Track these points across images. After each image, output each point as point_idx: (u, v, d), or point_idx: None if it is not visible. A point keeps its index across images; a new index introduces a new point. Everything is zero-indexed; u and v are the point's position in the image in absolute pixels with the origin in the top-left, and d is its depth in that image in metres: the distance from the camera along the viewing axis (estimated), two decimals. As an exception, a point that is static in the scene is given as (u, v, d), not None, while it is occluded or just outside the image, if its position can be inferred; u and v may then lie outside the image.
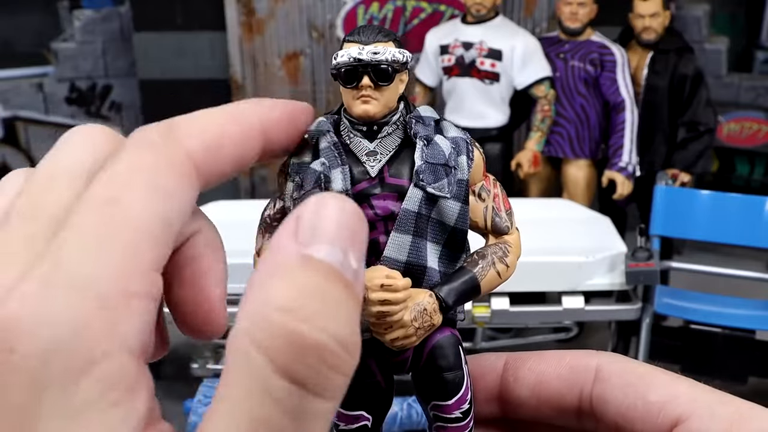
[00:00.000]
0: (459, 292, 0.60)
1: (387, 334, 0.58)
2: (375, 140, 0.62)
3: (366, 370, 0.61)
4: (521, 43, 3.81)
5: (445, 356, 0.60)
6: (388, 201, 0.60)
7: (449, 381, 0.60)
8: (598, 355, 0.56)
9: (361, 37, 0.62)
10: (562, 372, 0.56)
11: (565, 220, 3.45)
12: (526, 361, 0.58)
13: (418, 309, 0.58)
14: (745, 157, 5.10)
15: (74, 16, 5.35)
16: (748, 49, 5.86)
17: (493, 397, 0.60)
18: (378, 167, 0.61)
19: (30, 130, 5.40)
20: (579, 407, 0.55)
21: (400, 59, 0.62)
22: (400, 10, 4.91)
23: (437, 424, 0.61)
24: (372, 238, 0.59)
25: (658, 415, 0.50)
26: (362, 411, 0.61)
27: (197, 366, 3.47)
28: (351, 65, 0.61)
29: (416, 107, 0.64)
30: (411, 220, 0.59)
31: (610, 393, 0.53)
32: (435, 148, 0.60)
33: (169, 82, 5.17)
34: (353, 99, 0.62)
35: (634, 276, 3.08)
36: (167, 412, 2.80)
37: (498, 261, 0.62)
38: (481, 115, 3.92)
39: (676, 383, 0.52)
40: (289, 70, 5.09)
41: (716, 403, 0.50)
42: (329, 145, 0.60)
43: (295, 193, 0.60)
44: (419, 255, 0.60)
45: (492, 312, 3.11)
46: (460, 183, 0.60)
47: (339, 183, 0.59)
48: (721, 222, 3.33)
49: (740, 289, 3.63)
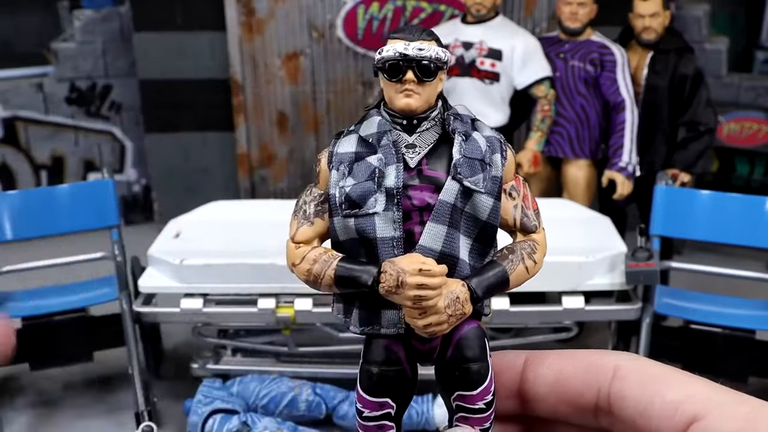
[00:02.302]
0: (489, 285, 0.63)
1: (420, 320, 0.60)
2: (414, 134, 0.65)
3: (394, 358, 0.63)
4: (521, 43, 3.81)
5: (471, 347, 0.62)
6: (425, 192, 0.63)
7: (475, 372, 0.62)
8: (617, 355, 0.57)
9: (406, 34, 0.65)
10: (581, 370, 0.57)
11: (565, 220, 3.45)
12: (546, 359, 0.60)
13: (451, 297, 0.60)
14: (745, 157, 5.10)
15: (74, 16, 5.35)
16: (748, 49, 5.86)
17: (513, 394, 0.61)
18: (417, 159, 0.64)
19: (30, 130, 5.40)
20: (596, 405, 0.56)
21: (443, 57, 0.65)
22: (400, 10, 4.91)
23: (460, 414, 0.63)
24: (407, 228, 0.62)
25: (675, 413, 0.51)
26: (387, 398, 0.63)
27: (197, 366, 3.47)
28: (396, 60, 0.64)
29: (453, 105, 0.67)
30: (447, 212, 0.62)
31: (629, 391, 0.54)
32: (473, 144, 0.64)
33: (169, 82, 5.16)
34: (396, 93, 0.64)
35: (634, 276, 3.08)
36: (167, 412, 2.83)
37: (527, 257, 0.65)
38: (480, 115, 3.84)
39: (693, 383, 0.53)
40: (289, 70, 5.09)
41: (732, 402, 0.51)
42: (389, 143, 0.63)
43: (342, 181, 0.63)
44: (453, 246, 0.62)
45: (492, 312, 3.10)
46: (494, 180, 0.64)
47: (392, 179, 0.62)
48: (721, 222, 3.33)
49: (740, 289, 3.63)
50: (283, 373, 3.40)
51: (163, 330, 3.78)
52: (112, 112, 5.53)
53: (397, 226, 0.62)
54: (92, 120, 5.51)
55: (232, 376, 3.41)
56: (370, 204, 0.62)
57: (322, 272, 0.63)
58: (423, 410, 3.19)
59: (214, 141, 5.32)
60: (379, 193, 0.62)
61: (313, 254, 0.64)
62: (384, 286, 0.59)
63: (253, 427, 3.06)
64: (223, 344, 3.52)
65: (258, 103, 5.17)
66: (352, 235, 0.63)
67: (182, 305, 3.19)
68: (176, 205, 4.55)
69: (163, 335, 3.79)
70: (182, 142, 5.32)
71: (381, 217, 0.61)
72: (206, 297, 3.21)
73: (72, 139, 5.51)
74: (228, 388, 3.29)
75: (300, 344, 3.44)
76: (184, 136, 5.31)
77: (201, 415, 3.12)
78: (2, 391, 3.69)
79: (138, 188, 5.73)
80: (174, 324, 3.58)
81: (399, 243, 0.61)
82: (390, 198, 0.62)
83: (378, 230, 0.61)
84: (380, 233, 0.61)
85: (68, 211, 3.51)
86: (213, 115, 5.23)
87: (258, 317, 3.21)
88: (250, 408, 3.25)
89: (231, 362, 3.51)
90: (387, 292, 0.59)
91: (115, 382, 3.71)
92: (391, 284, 0.59)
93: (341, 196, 0.62)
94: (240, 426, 3.06)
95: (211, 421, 3.09)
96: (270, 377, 3.33)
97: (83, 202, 3.52)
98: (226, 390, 3.27)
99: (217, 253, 3.22)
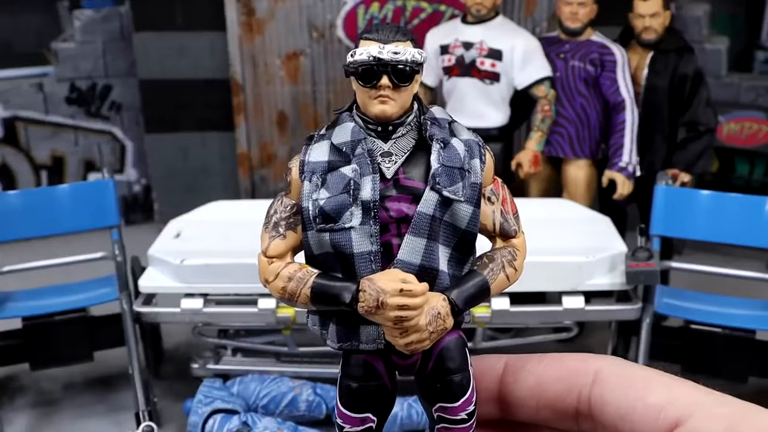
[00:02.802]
0: (470, 296, 0.60)
1: (402, 339, 0.58)
2: (389, 141, 0.61)
3: (374, 373, 0.61)
4: (521, 43, 3.81)
5: (453, 358, 0.60)
6: (402, 203, 0.60)
7: (457, 383, 0.60)
8: (597, 358, 0.57)
9: (380, 35, 0.61)
10: (562, 374, 0.57)
11: (565, 220, 3.45)
12: (526, 363, 0.59)
13: (432, 313, 0.58)
14: (745, 157, 5.10)
15: (74, 16, 5.35)
16: (748, 49, 5.85)
17: (493, 398, 0.60)
18: (394, 169, 0.61)
19: (30, 130, 5.40)
20: (577, 409, 0.56)
21: (419, 59, 0.62)
22: (400, 10, 4.91)
23: (442, 425, 0.61)
24: (384, 240, 0.59)
25: (658, 416, 0.51)
26: (368, 413, 0.61)
27: (197, 366, 3.47)
28: (370, 64, 0.60)
29: (428, 107, 0.64)
30: (426, 224, 0.59)
31: (609, 395, 0.54)
32: (451, 152, 0.60)
33: (169, 82, 5.16)
34: (370, 99, 0.61)
35: (634, 276, 3.08)
36: (167, 412, 2.83)
37: (507, 265, 0.63)
38: (481, 115, 3.91)
39: (676, 385, 0.52)
40: (289, 70, 5.09)
41: (715, 404, 0.50)
42: (363, 152, 0.60)
43: (315, 194, 0.60)
44: (432, 258, 0.59)
45: (492, 312, 3.11)
46: (473, 186, 0.60)
47: (368, 191, 0.59)
48: (721, 222, 3.33)
49: (740, 289, 3.63)
50: (283, 373, 3.40)
51: (164, 330, 3.78)
52: (113, 112, 5.53)
53: (375, 240, 0.59)
54: (92, 120, 5.51)
55: (233, 376, 3.41)
56: (346, 218, 0.59)
57: (297, 290, 0.60)
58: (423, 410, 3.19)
59: (214, 141, 5.32)
60: (354, 207, 0.59)
61: (287, 271, 0.61)
62: (363, 306, 0.57)
63: (253, 427, 3.06)
64: (223, 344, 3.52)
65: (258, 103, 5.17)
66: (327, 250, 0.60)
67: (182, 305, 3.19)
68: (176, 205, 4.55)
69: (164, 335, 3.79)
70: (182, 142, 5.32)
71: (357, 232, 0.59)
72: (206, 297, 3.21)
73: (72, 139, 5.51)
74: (228, 388, 3.29)
75: (300, 344, 3.44)
76: (184, 136, 5.31)
77: (201, 415, 3.12)
78: (2, 391, 3.69)
79: (138, 188, 5.73)
80: (174, 324, 3.57)
81: (377, 257, 0.59)
82: (366, 211, 0.59)
83: (355, 245, 0.59)
84: (357, 248, 0.59)
85: (68, 211, 3.51)
86: (213, 115, 5.23)
87: (258, 317, 3.21)
88: (250, 408, 3.25)
89: (231, 362, 3.51)
90: (366, 312, 0.57)
91: (115, 382, 3.70)
92: (370, 305, 0.56)
93: (315, 210, 0.59)
94: (240, 426, 3.06)
95: (212, 421, 3.09)
96: (270, 377, 3.33)
97: (83, 202, 3.52)
98: (227, 390, 3.27)
99: (217, 253, 3.22)
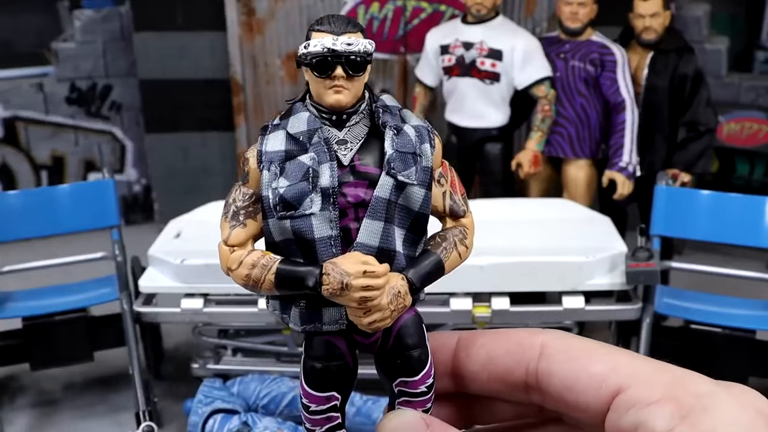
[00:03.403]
0: (426, 274, 0.63)
1: (365, 318, 0.60)
2: (344, 129, 0.64)
3: (336, 353, 0.63)
4: (521, 43, 3.81)
5: (411, 335, 0.63)
6: (359, 188, 0.62)
7: (416, 358, 0.63)
8: (543, 333, 0.59)
9: (332, 26, 0.63)
10: (510, 348, 0.60)
11: (565, 220, 3.45)
12: (478, 338, 0.62)
13: (393, 292, 0.60)
14: (745, 157, 5.10)
15: (74, 16, 5.35)
16: (748, 49, 5.85)
17: (447, 373, 0.63)
18: (350, 156, 0.63)
19: (30, 130, 5.40)
20: (526, 381, 0.59)
21: (370, 50, 0.63)
22: (401, 10, 4.91)
23: (403, 399, 0.63)
24: (343, 225, 0.62)
25: (600, 385, 0.53)
26: (333, 391, 0.63)
27: (197, 366, 3.47)
28: (324, 56, 0.62)
29: (378, 95, 0.66)
30: (383, 207, 0.61)
31: (555, 367, 0.57)
32: (404, 138, 0.63)
33: (169, 82, 5.16)
34: (325, 89, 0.63)
35: (634, 276, 3.08)
36: (167, 412, 2.83)
37: (459, 243, 0.65)
38: (481, 115, 3.92)
39: (616, 355, 0.55)
40: (289, 70, 5.09)
41: (654, 371, 0.53)
42: (320, 140, 0.62)
43: (274, 182, 0.61)
44: (389, 240, 0.62)
45: (492, 312, 3.11)
46: (425, 170, 0.63)
47: (327, 178, 0.61)
48: (721, 222, 3.33)
49: (740, 289, 3.63)
50: (283, 373, 3.40)
51: (164, 330, 3.78)
52: (113, 112, 5.54)
53: (334, 225, 0.61)
54: (92, 120, 5.51)
55: (233, 376, 3.41)
56: (306, 205, 0.60)
57: (261, 276, 0.61)
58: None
59: (214, 141, 5.32)
60: (314, 194, 0.60)
61: (250, 258, 0.62)
62: (328, 288, 0.59)
63: (253, 427, 3.06)
64: (223, 344, 3.52)
65: (258, 103, 5.17)
66: (288, 236, 0.62)
67: (182, 305, 3.19)
68: (176, 205, 4.55)
69: (164, 335, 3.79)
70: (182, 142, 5.32)
71: (318, 218, 0.61)
72: (206, 297, 3.21)
73: (72, 139, 5.51)
74: (228, 388, 3.29)
75: (300, 344, 3.43)
76: (184, 136, 5.31)
77: (201, 415, 3.12)
78: (2, 391, 3.69)
79: (138, 188, 5.73)
80: (174, 324, 3.58)
81: (336, 241, 0.61)
82: (326, 198, 0.61)
83: (315, 231, 0.61)
84: (318, 233, 0.61)
85: (68, 211, 3.51)
86: (213, 115, 5.24)
87: (258, 317, 3.21)
88: (250, 408, 3.25)
89: (231, 362, 3.51)
90: (331, 294, 0.59)
91: (115, 382, 3.71)
92: (335, 287, 0.58)
93: (275, 198, 0.61)
94: (240, 426, 3.06)
95: (212, 421, 3.09)
96: (270, 377, 3.33)
97: (83, 202, 3.52)
98: (227, 390, 3.27)
99: (217, 253, 3.21)
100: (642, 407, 0.50)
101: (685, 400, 0.49)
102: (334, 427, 0.64)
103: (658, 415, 0.49)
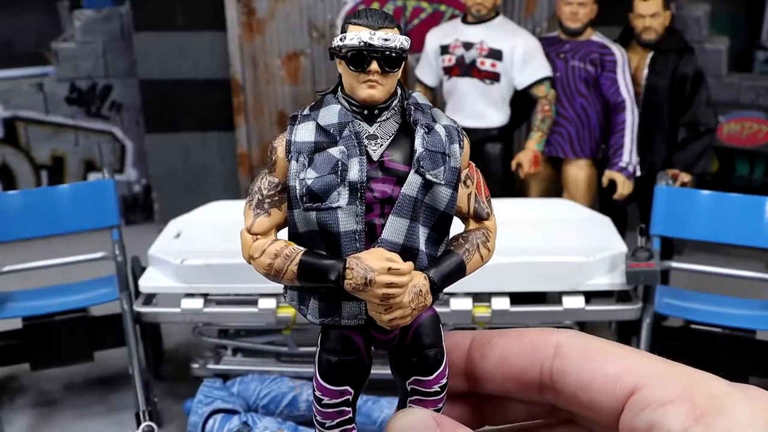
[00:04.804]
0: (448, 274, 0.63)
1: (386, 315, 0.60)
2: (374, 124, 0.63)
3: (353, 348, 0.63)
4: (521, 43, 3.81)
5: (429, 334, 0.63)
6: (387, 185, 0.62)
7: (432, 357, 0.63)
8: (558, 332, 0.59)
9: (369, 20, 0.62)
10: (524, 348, 0.60)
11: (565, 220, 3.45)
12: (491, 338, 0.62)
13: (415, 291, 0.60)
14: (745, 157, 5.10)
15: (74, 16, 5.35)
16: (748, 49, 5.85)
17: (461, 372, 0.63)
18: (380, 151, 0.62)
19: (30, 130, 5.40)
20: (540, 381, 0.59)
21: (406, 47, 0.63)
22: (401, 10, 4.91)
23: (415, 398, 0.63)
24: (368, 220, 0.61)
25: (615, 385, 0.54)
26: (347, 386, 0.63)
27: (197, 366, 3.47)
28: (360, 49, 0.61)
29: (410, 93, 0.65)
30: (409, 205, 0.61)
31: (570, 366, 0.57)
32: (435, 137, 0.62)
33: (169, 82, 5.16)
34: (359, 83, 0.62)
35: (634, 276, 3.08)
36: (167, 412, 2.83)
37: (481, 245, 0.65)
38: (481, 115, 3.91)
39: (631, 355, 0.55)
40: (289, 70, 5.09)
41: (669, 372, 0.53)
42: (351, 134, 0.62)
43: (302, 173, 0.61)
44: (413, 238, 0.62)
45: (492, 312, 3.11)
46: (453, 170, 0.63)
47: (356, 173, 0.61)
48: (721, 222, 3.33)
49: (740, 289, 3.63)
50: (283, 373, 3.40)
51: (164, 330, 3.78)
52: (113, 112, 5.54)
53: (360, 220, 0.61)
54: (92, 120, 5.51)
55: (233, 376, 3.41)
56: (333, 198, 0.60)
57: (284, 267, 0.61)
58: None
59: (214, 141, 5.32)
60: (342, 187, 0.60)
61: (273, 248, 0.62)
62: (351, 283, 0.59)
63: (253, 427, 3.06)
64: (223, 344, 3.52)
65: (258, 103, 5.17)
66: (313, 228, 0.62)
67: (183, 305, 3.19)
68: (176, 205, 4.55)
69: (164, 335, 3.79)
70: (182, 142, 5.32)
71: (344, 211, 0.60)
72: (207, 297, 3.21)
73: (72, 139, 5.51)
74: (228, 388, 3.29)
75: (300, 344, 3.44)
76: (184, 136, 5.31)
77: (201, 415, 3.12)
78: (2, 391, 3.69)
79: (138, 188, 5.73)
80: (174, 324, 3.58)
81: (361, 236, 0.61)
82: (353, 192, 0.60)
83: (341, 224, 0.60)
84: (343, 227, 0.60)
85: (68, 211, 3.51)
86: (213, 115, 5.24)
87: (258, 317, 3.21)
88: (250, 408, 3.25)
89: (231, 362, 3.51)
90: (353, 289, 0.59)
91: (115, 382, 3.71)
92: (358, 282, 0.58)
93: (302, 189, 0.61)
94: (240, 426, 3.06)
95: (212, 421, 3.09)
96: (271, 377, 3.33)
97: (83, 202, 3.52)
98: (227, 390, 3.27)
99: (217, 253, 3.22)
100: (657, 407, 0.50)
101: (700, 401, 0.49)
102: (345, 420, 0.64)
103: (672, 415, 0.49)
